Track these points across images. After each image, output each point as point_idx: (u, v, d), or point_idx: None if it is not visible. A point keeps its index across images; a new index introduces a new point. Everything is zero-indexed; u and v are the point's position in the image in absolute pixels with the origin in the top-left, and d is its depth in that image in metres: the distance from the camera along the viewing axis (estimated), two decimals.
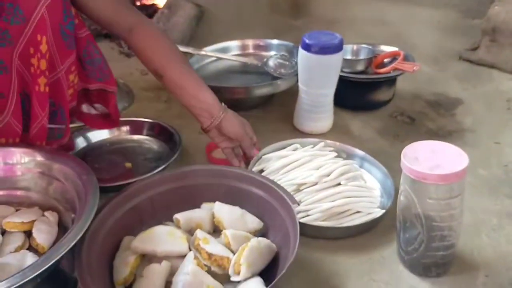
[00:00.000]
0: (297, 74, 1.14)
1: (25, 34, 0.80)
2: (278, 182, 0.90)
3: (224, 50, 1.35)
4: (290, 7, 1.79)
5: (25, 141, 0.86)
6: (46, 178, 0.80)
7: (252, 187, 0.83)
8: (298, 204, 0.77)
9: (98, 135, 1.14)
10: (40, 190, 0.81)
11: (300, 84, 1.12)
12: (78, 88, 0.94)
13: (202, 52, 1.23)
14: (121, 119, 1.15)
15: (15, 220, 0.76)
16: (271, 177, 0.94)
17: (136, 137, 1.15)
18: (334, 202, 0.88)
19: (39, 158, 0.81)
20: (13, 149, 0.82)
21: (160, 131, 1.14)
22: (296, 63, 1.15)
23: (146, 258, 0.74)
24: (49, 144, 0.91)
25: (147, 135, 1.15)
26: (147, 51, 0.95)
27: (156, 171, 0.97)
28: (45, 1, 0.80)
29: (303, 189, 0.92)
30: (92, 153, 1.10)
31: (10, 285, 0.56)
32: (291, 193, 0.85)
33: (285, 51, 1.35)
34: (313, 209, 0.88)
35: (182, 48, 1.24)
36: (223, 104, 0.96)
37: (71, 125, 1.12)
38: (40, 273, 0.58)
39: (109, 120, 1.01)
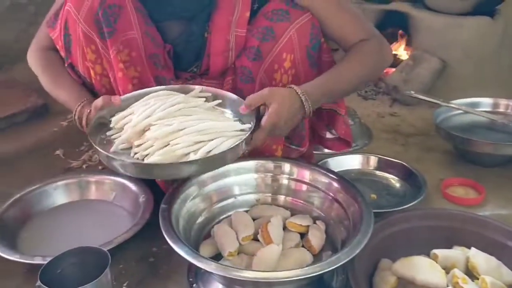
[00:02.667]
0: None
1: (273, 52, 0.93)
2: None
3: (473, 105, 1.37)
4: None
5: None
6: (329, 200, 0.92)
7: (510, 241, 0.85)
8: None
9: (348, 163, 1.25)
10: (324, 209, 0.93)
11: None
12: None
13: (451, 105, 1.29)
14: (367, 154, 1.28)
15: (296, 221, 0.91)
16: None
17: (379, 172, 1.25)
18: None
19: (326, 179, 0.93)
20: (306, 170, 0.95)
21: (402, 171, 1.22)
22: None
23: (401, 282, 0.82)
24: (289, 152, 1.04)
25: (390, 172, 1.24)
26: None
27: (403, 207, 1.05)
28: (295, 24, 0.93)
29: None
30: None
31: (312, 271, 0.71)
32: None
33: None
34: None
35: (429, 98, 1.33)
36: None
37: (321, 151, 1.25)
38: (322, 273, 0.71)
39: (343, 143, 1.09)
